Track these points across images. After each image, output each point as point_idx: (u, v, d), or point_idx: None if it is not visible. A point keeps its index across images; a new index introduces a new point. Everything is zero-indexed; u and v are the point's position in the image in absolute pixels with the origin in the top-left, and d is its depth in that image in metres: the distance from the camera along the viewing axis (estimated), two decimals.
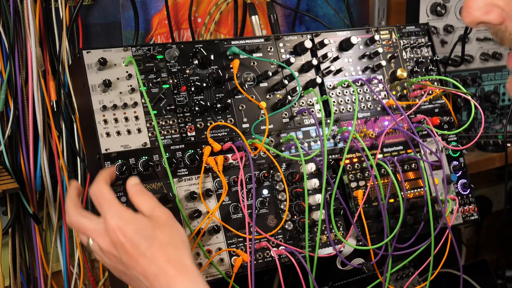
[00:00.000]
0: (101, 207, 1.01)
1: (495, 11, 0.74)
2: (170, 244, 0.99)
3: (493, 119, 1.95)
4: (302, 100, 1.35)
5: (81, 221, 1.02)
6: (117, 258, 1.00)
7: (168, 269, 0.97)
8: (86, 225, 1.02)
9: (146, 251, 0.97)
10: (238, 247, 1.21)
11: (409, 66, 1.48)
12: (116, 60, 1.21)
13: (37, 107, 1.33)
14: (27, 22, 1.28)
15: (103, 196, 1.01)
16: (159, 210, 1.02)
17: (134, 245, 0.97)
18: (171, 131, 1.22)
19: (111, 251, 1.00)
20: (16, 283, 1.36)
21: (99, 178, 1.04)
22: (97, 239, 1.01)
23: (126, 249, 0.97)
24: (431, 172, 1.40)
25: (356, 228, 1.31)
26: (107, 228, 0.99)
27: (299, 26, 1.80)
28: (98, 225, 1.01)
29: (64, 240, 1.43)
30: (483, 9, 0.75)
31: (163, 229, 1.00)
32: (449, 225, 1.36)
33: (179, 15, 1.59)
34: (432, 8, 1.83)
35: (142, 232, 0.98)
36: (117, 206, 1.00)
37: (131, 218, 0.99)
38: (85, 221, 1.02)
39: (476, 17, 0.75)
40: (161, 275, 0.96)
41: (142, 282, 0.99)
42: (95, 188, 1.03)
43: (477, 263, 2.04)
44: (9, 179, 1.23)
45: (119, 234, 0.98)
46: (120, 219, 0.98)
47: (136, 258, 0.97)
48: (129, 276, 1.01)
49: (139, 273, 0.98)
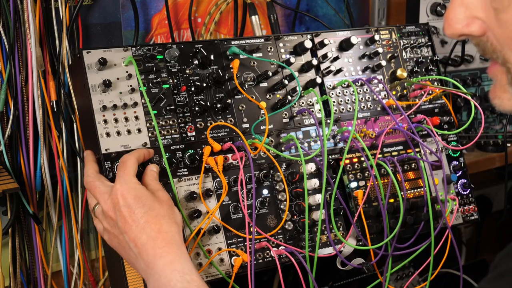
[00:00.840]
0: (118, 171, 1.08)
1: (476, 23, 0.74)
2: (165, 217, 1.03)
3: (493, 119, 1.95)
4: (302, 100, 1.35)
5: (95, 182, 1.10)
6: (114, 221, 1.04)
7: (157, 239, 1.01)
8: (98, 186, 1.08)
9: (140, 218, 1.02)
10: (238, 247, 1.21)
11: (409, 66, 1.48)
12: (116, 60, 1.21)
13: (37, 107, 1.33)
14: (27, 22, 1.28)
15: (126, 164, 1.08)
16: (163, 192, 1.09)
17: (130, 210, 1.02)
18: (171, 131, 1.22)
19: (110, 213, 1.05)
20: (16, 283, 1.36)
21: (134, 152, 1.13)
22: (101, 201, 1.07)
23: (122, 212, 1.02)
24: (431, 172, 1.40)
25: (356, 228, 1.31)
26: (112, 190, 1.05)
27: (299, 26, 1.80)
28: (107, 188, 1.07)
29: (64, 240, 1.43)
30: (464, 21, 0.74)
31: (162, 204, 1.06)
32: (449, 225, 1.36)
33: (179, 15, 1.59)
34: (432, 8, 1.83)
35: (141, 200, 1.03)
36: (130, 174, 1.07)
37: (136, 186, 1.05)
38: (98, 183, 1.09)
39: (457, 29, 0.75)
40: (149, 244, 1.00)
41: (131, 250, 1.02)
42: (126, 156, 1.11)
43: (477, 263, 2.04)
44: (9, 179, 1.23)
45: (120, 197, 1.03)
46: (125, 183, 1.05)
47: (130, 223, 1.02)
48: (121, 242, 1.05)
49: (130, 239, 1.02)
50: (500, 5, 0.70)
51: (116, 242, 1.07)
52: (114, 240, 1.07)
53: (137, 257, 1.02)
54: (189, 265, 0.99)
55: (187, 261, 1.00)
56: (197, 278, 0.98)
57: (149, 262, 1.00)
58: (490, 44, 0.74)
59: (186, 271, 0.98)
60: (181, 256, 1.00)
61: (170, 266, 0.98)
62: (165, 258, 0.99)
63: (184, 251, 1.02)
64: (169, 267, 0.98)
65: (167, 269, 0.98)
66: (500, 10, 0.71)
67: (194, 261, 1.17)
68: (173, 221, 1.04)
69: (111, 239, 1.08)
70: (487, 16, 0.73)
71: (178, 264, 0.99)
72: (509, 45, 0.72)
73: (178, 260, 0.99)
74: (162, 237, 1.01)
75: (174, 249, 1.00)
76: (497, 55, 0.74)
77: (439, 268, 1.35)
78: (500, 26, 0.71)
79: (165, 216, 1.04)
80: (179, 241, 1.03)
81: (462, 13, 0.74)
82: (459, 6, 0.74)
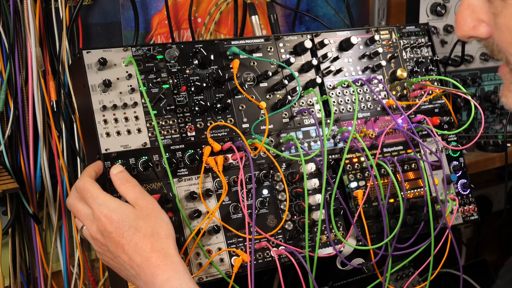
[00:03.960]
0: (87, 200, 1.05)
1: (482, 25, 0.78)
2: (153, 235, 1.02)
3: (493, 119, 1.95)
4: (302, 100, 1.35)
5: (76, 205, 1.07)
6: (105, 246, 1.04)
7: (152, 258, 1.00)
8: (79, 210, 1.06)
9: (130, 241, 1.01)
10: (238, 247, 1.21)
11: (409, 66, 1.48)
12: (116, 60, 1.20)
13: (37, 107, 1.33)
14: (27, 22, 1.28)
15: (87, 189, 1.05)
16: (142, 200, 1.05)
17: (119, 234, 1.01)
18: (171, 131, 1.22)
19: (99, 238, 1.04)
20: (16, 283, 1.36)
21: (83, 173, 1.09)
22: (87, 225, 1.05)
23: (112, 237, 1.02)
24: (431, 172, 1.40)
25: (356, 228, 1.31)
26: (94, 217, 1.03)
27: (299, 26, 1.80)
28: (88, 211, 1.05)
29: (64, 240, 1.43)
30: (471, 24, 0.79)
31: (146, 220, 1.03)
32: (449, 225, 1.36)
33: (179, 15, 1.59)
34: (432, 8, 1.83)
35: (126, 222, 1.02)
36: (102, 196, 1.04)
37: (116, 207, 1.03)
38: (80, 206, 1.06)
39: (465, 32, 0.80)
40: (144, 264, 1.00)
41: (129, 271, 1.03)
42: (79, 183, 1.07)
43: (477, 263, 2.04)
44: (9, 179, 1.23)
45: (106, 222, 1.02)
46: (105, 208, 1.03)
47: (122, 247, 1.01)
48: (117, 264, 1.05)
49: (125, 262, 1.02)
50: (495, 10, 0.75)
51: (112, 264, 1.07)
52: (110, 262, 1.07)
53: (136, 277, 1.02)
54: (186, 279, 1.00)
55: (184, 275, 1.00)
56: None
57: (148, 281, 1.00)
58: (496, 46, 0.78)
59: (183, 286, 0.99)
60: (177, 272, 1.00)
61: (168, 283, 0.99)
62: (161, 275, 1.00)
63: (180, 264, 1.02)
64: (167, 284, 0.99)
65: (165, 287, 0.99)
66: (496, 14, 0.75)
67: (194, 261, 1.17)
68: (163, 234, 1.03)
69: (106, 261, 1.08)
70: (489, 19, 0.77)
71: (175, 280, 0.99)
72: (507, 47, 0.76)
73: (175, 276, 1.00)
74: (155, 256, 1.01)
75: (170, 265, 1.01)
76: (501, 56, 0.78)
77: (439, 268, 1.35)
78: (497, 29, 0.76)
79: (153, 234, 1.02)
80: (174, 254, 1.02)
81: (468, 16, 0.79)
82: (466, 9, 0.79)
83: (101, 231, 1.03)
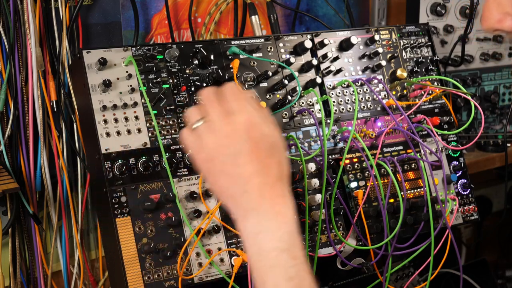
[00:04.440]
0: (233, 96, 0.93)
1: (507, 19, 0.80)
2: (282, 177, 0.91)
3: (493, 119, 1.95)
4: (302, 100, 1.35)
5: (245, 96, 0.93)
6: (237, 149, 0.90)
7: (276, 187, 0.90)
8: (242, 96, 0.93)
9: (264, 159, 0.90)
10: (238, 247, 1.21)
11: (409, 66, 1.48)
12: (116, 60, 1.21)
13: (37, 107, 1.33)
14: (27, 22, 1.28)
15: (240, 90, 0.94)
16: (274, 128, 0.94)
17: (262, 147, 0.90)
18: (171, 131, 1.22)
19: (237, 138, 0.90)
20: (16, 283, 1.36)
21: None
22: (239, 119, 0.90)
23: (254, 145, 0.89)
24: (431, 172, 1.40)
25: (356, 228, 1.31)
26: (251, 121, 0.91)
27: (299, 26, 1.80)
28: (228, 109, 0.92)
29: (64, 240, 1.43)
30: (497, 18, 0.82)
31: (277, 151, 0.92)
32: (449, 225, 1.36)
33: (179, 15, 1.59)
34: (432, 8, 1.83)
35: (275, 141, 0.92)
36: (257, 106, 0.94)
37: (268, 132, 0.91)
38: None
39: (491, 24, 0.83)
40: (267, 187, 0.90)
41: (241, 184, 0.90)
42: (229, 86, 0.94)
43: (477, 263, 2.04)
44: (9, 179, 1.23)
45: (250, 126, 0.90)
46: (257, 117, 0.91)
47: (257, 159, 0.89)
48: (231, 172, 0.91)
49: (246, 174, 0.89)
50: None
51: (214, 164, 0.92)
52: (213, 163, 0.92)
53: (243, 194, 0.90)
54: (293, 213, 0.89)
55: (293, 221, 0.88)
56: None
57: (256, 203, 0.89)
58: None
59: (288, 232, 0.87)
60: (288, 216, 0.89)
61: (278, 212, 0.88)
62: (278, 206, 0.89)
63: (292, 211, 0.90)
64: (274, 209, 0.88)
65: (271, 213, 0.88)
66: None
67: (194, 261, 1.17)
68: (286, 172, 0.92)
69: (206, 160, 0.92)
70: None
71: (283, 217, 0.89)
72: None
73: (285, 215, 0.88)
74: (279, 187, 0.89)
75: (287, 203, 0.89)
76: None
77: (439, 268, 1.35)
78: None
79: (282, 176, 0.91)
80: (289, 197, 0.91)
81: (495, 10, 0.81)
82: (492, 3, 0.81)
83: (238, 130, 0.89)
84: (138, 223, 1.14)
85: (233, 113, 0.91)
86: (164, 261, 1.15)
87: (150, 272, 1.14)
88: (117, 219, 1.13)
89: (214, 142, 0.91)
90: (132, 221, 1.14)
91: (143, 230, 1.15)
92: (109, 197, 1.14)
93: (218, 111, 0.92)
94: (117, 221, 1.13)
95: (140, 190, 1.16)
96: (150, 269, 1.14)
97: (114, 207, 1.14)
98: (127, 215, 1.14)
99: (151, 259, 1.14)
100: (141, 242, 1.14)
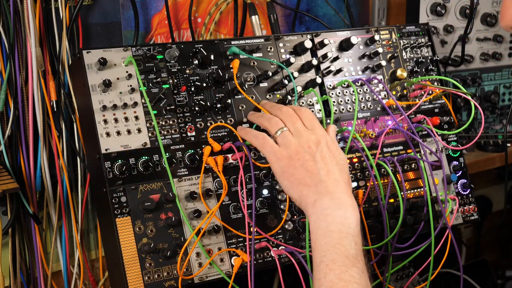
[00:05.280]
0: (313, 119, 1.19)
1: None
2: (349, 181, 1.15)
3: (493, 119, 1.95)
4: (302, 100, 1.35)
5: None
6: (309, 149, 1.13)
7: (345, 186, 1.11)
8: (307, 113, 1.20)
9: (339, 161, 1.15)
10: (238, 247, 1.21)
11: (409, 66, 1.48)
12: (116, 60, 1.21)
13: (37, 107, 1.33)
14: (27, 22, 1.29)
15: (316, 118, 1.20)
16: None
17: (331, 153, 1.14)
18: (171, 131, 1.22)
19: (311, 142, 1.14)
20: (16, 283, 1.36)
21: None
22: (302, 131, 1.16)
23: (329, 149, 1.15)
24: (431, 172, 1.40)
25: None
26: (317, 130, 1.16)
27: (299, 26, 1.80)
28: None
29: (64, 240, 1.43)
30: None
31: (343, 168, 1.17)
32: (449, 225, 1.36)
33: (179, 15, 1.59)
34: (432, 8, 1.83)
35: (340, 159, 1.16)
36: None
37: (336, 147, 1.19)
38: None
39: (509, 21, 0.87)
40: (338, 185, 1.11)
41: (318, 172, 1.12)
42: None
43: (477, 263, 2.04)
44: (9, 179, 1.23)
45: (327, 139, 1.16)
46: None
47: (334, 159, 1.14)
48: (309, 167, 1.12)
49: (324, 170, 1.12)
50: None
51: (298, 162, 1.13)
52: (296, 158, 1.13)
53: (317, 185, 1.10)
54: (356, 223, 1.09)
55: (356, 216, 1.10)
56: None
57: (329, 196, 1.09)
58: None
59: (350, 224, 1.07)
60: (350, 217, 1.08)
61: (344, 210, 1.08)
62: (347, 201, 1.09)
63: None
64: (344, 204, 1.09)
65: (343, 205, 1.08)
66: None
67: (194, 261, 1.17)
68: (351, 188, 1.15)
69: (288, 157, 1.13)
70: None
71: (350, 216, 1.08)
72: None
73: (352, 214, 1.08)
74: (347, 187, 1.12)
75: (352, 204, 1.10)
76: None
77: (439, 268, 1.35)
78: None
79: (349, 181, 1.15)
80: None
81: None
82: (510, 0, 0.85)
83: (319, 140, 1.14)
84: (138, 223, 1.14)
85: (313, 128, 1.16)
86: (164, 261, 1.15)
87: (150, 272, 1.14)
88: (117, 219, 1.13)
89: (299, 143, 1.13)
90: (132, 221, 1.14)
91: (143, 230, 1.15)
92: (109, 197, 1.14)
93: (301, 124, 1.16)
94: (117, 221, 1.13)
95: (140, 190, 1.16)
96: (150, 269, 1.14)
97: (114, 207, 1.14)
98: (127, 215, 1.14)
99: (151, 259, 1.14)
100: (141, 242, 1.14)
